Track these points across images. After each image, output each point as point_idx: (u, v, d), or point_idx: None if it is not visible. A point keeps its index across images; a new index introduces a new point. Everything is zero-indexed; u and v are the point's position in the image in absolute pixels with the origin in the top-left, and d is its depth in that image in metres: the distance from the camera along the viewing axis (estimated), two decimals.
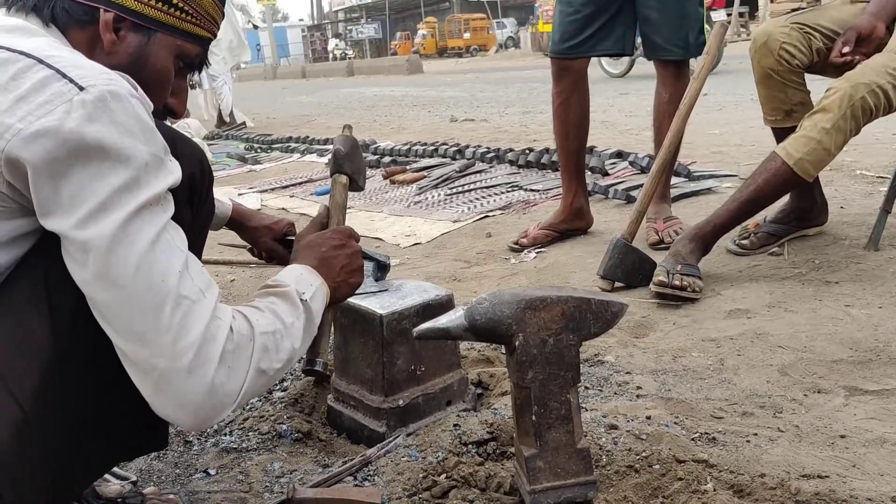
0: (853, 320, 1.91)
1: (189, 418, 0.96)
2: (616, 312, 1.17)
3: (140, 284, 0.90)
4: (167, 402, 0.94)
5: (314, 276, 1.20)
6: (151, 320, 0.91)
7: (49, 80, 0.89)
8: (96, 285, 0.91)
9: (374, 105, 11.21)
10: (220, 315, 0.97)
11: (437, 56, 37.81)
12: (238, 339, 0.98)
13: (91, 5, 1.04)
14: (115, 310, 0.91)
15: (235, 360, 0.97)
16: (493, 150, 4.80)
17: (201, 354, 0.93)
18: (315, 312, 1.15)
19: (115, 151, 0.89)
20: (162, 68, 1.12)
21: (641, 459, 1.34)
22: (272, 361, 1.03)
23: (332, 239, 1.30)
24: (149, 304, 0.91)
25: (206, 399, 0.94)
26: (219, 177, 5.49)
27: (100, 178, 0.88)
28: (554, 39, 2.80)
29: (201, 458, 1.50)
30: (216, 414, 0.97)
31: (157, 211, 0.93)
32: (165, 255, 0.93)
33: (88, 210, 0.88)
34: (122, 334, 0.92)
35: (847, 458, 1.33)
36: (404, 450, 1.42)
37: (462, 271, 2.71)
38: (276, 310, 1.08)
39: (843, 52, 2.17)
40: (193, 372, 0.93)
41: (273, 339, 1.04)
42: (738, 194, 2.27)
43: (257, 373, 1.00)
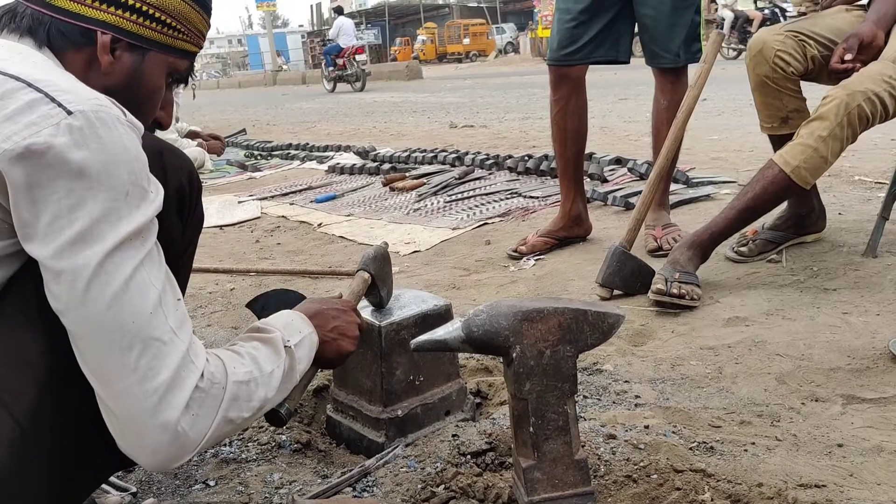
0: (851, 328, 1.91)
1: (149, 460, 0.95)
2: (613, 324, 1.17)
3: (110, 324, 0.90)
4: (129, 442, 0.94)
5: (305, 324, 1.19)
6: (118, 361, 0.91)
7: (36, 103, 0.89)
8: (69, 317, 0.91)
9: (374, 111, 11.22)
10: (193, 358, 0.96)
11: (436, 61, 37.86)
12: (208, 387, 0.96)
13: (88, 27, 1.04)
14: (85, 345, 0.92)
15: (202, 408, 0.96)
16: (492, 157, 4.81)
17: (166, 400, 0.92)
18: (298, 360, 1.14)
19: (96, 180, 0.89)
20: (155, 86, 1.13)
21: (639, 469, 1.34)
22: (241, 411, 1.02)
23: (337, 304, 1.31)
24: (116, 345, 0.90)
25: (168, 444, 0.93)
26: (219, 184, 5.51)
27: (80, 206, 0.88)
28: (552, 47, 2.82)
29: (201, 469, 1.50)
30: (176, 459, 0.96)
31: (136, 245, 0.93)
32: (139, 293, 0.92)
33: (66, 240, 0.88)
34: (91, 370, 0.93)
35: (844, 467, 1.33)
36: (403, 460, 1.43)
37: (461, 279, 2.72)
38: (257, 356, 1.07)
39: (844, 59, 2.18)
40: (156, 417, 0.92)
41: (246, 389, 1.02)
42: (735, 202, 2.28)
43: (224, 421, 0.99)
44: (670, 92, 2.72)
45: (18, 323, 0.94)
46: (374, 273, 1.51)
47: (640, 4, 2.66)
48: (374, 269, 1.52)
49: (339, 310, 1.29)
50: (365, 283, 1.50)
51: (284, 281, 2.87)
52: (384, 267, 1.56)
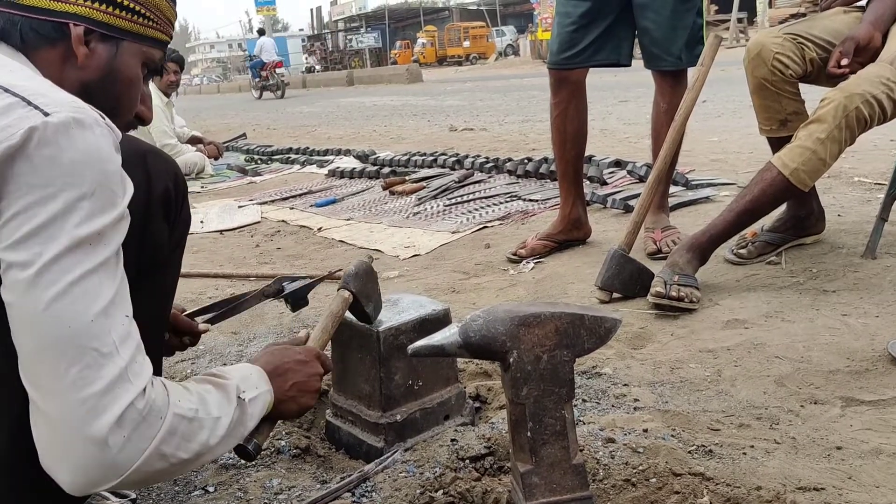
0: (850, 330, 1.91)
1: (71, 477, 0.90)
2: (609, 328, 1.17)
3: (46, 325, 0.87)
4: (52, 453, 0.89)
5: (262, 381, 1.15)
6: (51, 365, 0.87)
7: (13, 107, 0.89)
8: (12, 312, 0.89)
9: (374, 115, 11.24)
10: (132, 377, 0.91)
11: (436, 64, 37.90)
12: (145, 410, 0.91)
13: (59, 21, 1.04)
14: (21, 344, 0.89)
15: (135, 431, 0.90)
16: (491, 160, 4.82)
17: (96, 411, 0.87)
18: (249, 416, 1.09)
19: (60, 179, 0.88)
20: (133, 76, 1.13)
21: (638, 473, 1.34)
22: (178, 449, 0.95)
23: (298, 353, 1.26)
24: (51, 349, 0.87)
25: (93, 459, 0.88)
26: (219, 189, 5.52)
27: (40, 203, 0.87)
28: (552, 51, 2.82)
29: (200, 475, 1.50)
30: (99, 481, 0.90)
31: (92, 249, 0.90)
32: (82, 299, 0.88)
33: (21, 234, 0.87)
34: (24, 372, 0.90)
35: (843, 469, 1.33)
36: (402, 465, 1.43)
37: (461, 283, 2.72)
38: (206, 398, 1.02)
39: (841, 64, 2.18)
40: (84, 427, 0.87)
41: (187, 426, 0.96)
42: (734, 204, 2.28)
43: (157, 454, 0.92)
44: (670, 95, 2.72)
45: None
46: (355, 291, 1.46)
47: (641, 8, 2.66)
48: (356, 287, 1.47)
49: (300, 361, 1.24)
50: (346, 303, 1.45)
51: None
52: (367, 283, 1.51)
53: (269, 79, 19.31)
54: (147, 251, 1.09)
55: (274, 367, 1.20)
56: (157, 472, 0.95)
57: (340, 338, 1.58)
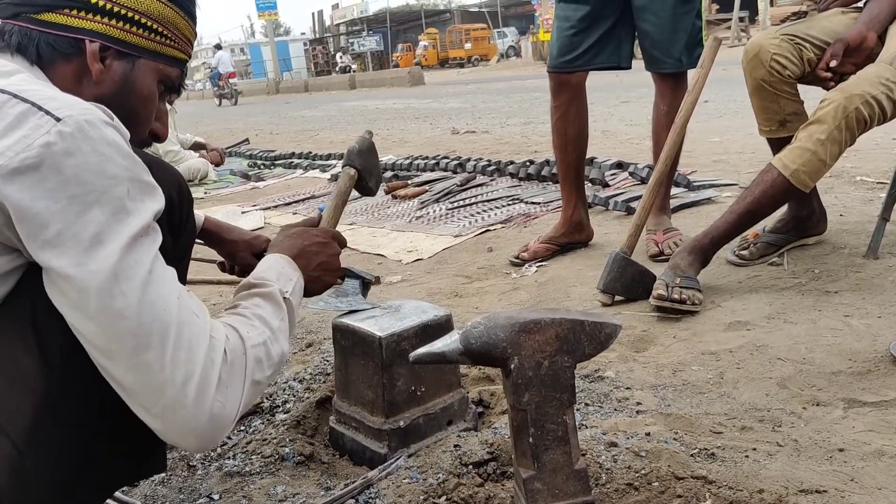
0: (852, 331, 1.91)
1: (195, 443, 0.98)
2: (610, 334, 1.18)
3: (145, 315, 0.91)
4: (173, 429, 0.95)
5: (293, 270, 1.25)
6: (158, 350, 0.92)
7: (26, 115, 0.90)
8: (98, 321, 0.90)
9: (377, 118, 11.25)
10: (216, 335, 0.99)
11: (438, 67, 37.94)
12: (232, 358, 1.00)
13: (76, 37, 1.06)
14: (120, 342, 0.91)
15: (232, 380, 0.99)
16: (493, 163, 4.83)
17: (203, 380, 0.95)
18: (294, 308, 1.20)
19: (97, 184, 0.90)
20: (148, 93, 1.14)
21: (641, 477, 1.35)
22: (264, 370, 1.06)
23: (317, 236, 1.35)
24: (155, 335, 0.92)
25: (209, 423, 0.96)
26: (222, 194, 5.53)
27: (86, 211, 0.89)
28: (552, 54, 2.83)
29: (205, 483, 1.51)
30: (219, 436, 0.99)
31: (148, 241, 0.94)
32: (163, 284, 0.94)
33: (81, 248, 0.88)
34: (127, 367, 0.92)
35: (845, 472, 1.34)
36: (405, 471, 1.43)
37: (463, 287, 2.73)
38: (263, 315, 1.11)
39: (830, 66, 2.18)
40: (198, 398, 0.94)
41: (264, 350, 1.06)
42: (735, 206, 2.28)
43: (252, 385, 1.03)
44: (670, 97, 2.72)
45: (13, 344, 0.94)
46: (360, 167, 1.54)
47: (641, 10, 2.66)
48: (360, 163, 1.54)
49: (320, 244, 1.34)
50: (352, 180, 1.53)
51: None
52: (370, 158, 1.58)
53: (225, 88, 21.76)
54: None
55: (299, 251, 1.30)
56: (256, 394, 1.06)
57: (343, 344, 1.59)
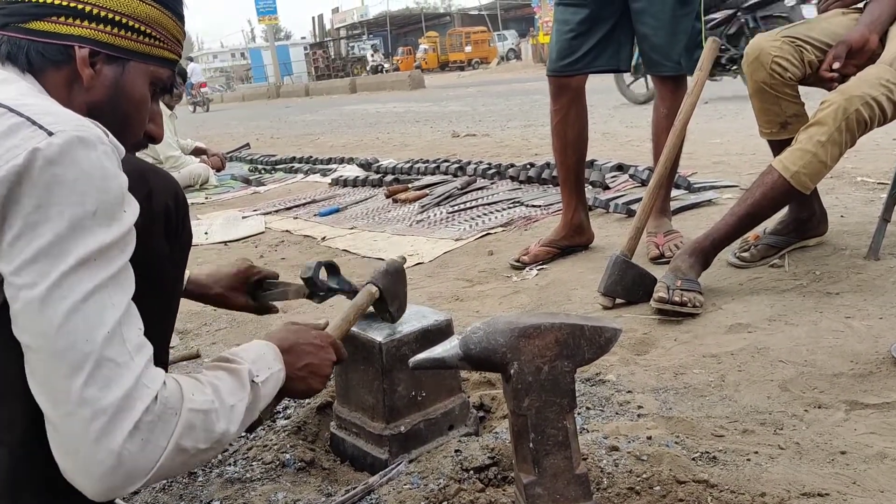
0: (854, 332, 1.91)
1: (93, 486, 0.90)
2: (609, 338, 1.17)
3: (62, 341, 0.87)
4: (73, 466, 0.90)
5: (276, 360, 1.17)
6: (67, 380, 0.88)
7: (18, 127, 0.90)
8: (24, 334, 0.89)
9: (377, 122, 11.26)
10: (147, 382, 0.92)
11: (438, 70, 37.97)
12: (160, 411, 0.92)
13: (65, 44, 1.06)
14: (35, 363, 0.89)
15: (153, 433, 0.91)
16: (494, 166, 4.83)
17: (114, 422, 0.88)
18: (262, 397, 1.11)
19: (64, 196, 0.88)
20: (140, 96, 1.14)
21: (642, 481, 1.34)
22: (197, 441, 0.97)
23: (315, 337, 1.27)
24: (67, 363, 0.88)
25: (113, 469, 0.89)
26: (223, 199, 5.54)
27: (45, 222, 0.88)
28: (551, 58, 2.83)
29: (206, 490, 1.51)
30: (123, 485, 0.91)
31: (99, 265, 0.91)
32: (96, 313, 0.89)
33: (29, 255, 0.87)
34: (39, 389, 0.90)
35: (847, 474, 1.33)
36: (406, 477, 1.43)
37: (464, 291, 2.72)
38: (220, 387, 1.04)
39: (833, 67, 2.18)
40: (102, 439, 0.88)
41: (204, 418, 0.98)
42: (736, 208, 2.28)
43: (176, 450, 0.94)
44: (670, 100, 2.72)
45: (3, 349, 0.93)
46: (382, 287, 1.48)
47: (640, 14, 2.66)
48: (384, 284, 1.48)
49: (315, 345, 1.26)
50: (371, 297, 1.46)
51: None
52: (397, 282, 1.52)
53: (198, 96, 24.29)
54: (148, 269, 1.10)
55: (290, 346, 1.22)
56: (179, 465, 0.97)
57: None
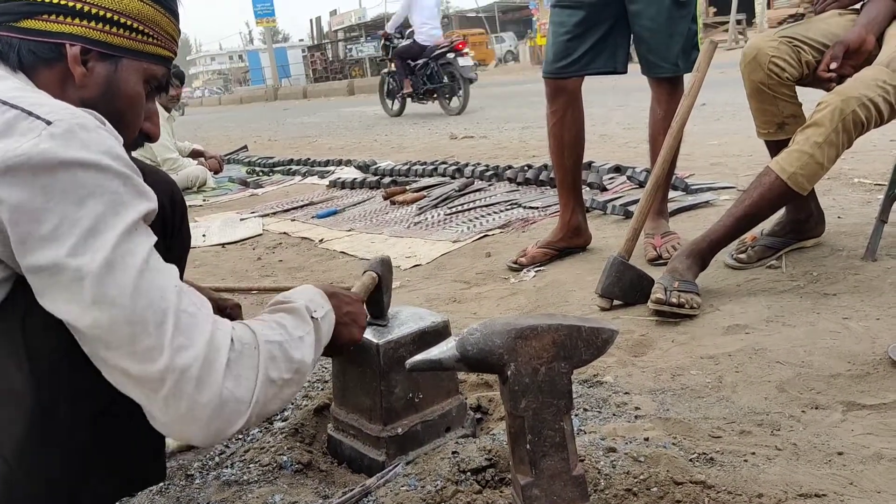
0: (851, 333, 1.91)
1: (202, 432, 0.95)
2: (606, 339, 1.17)
3: (141, 301, 0.91)
4: (178, 418, 0.93)
5: (325, 301, 1.23)
6: (156, 336, 0.91)
7: (16, 120, 0.90)
8: (94, 311, 0.90)
9: (375, 124, 11.26)
10: (220, 325, 0.98)
11: None
12: (241, 348, 0.98)
13: (56, 42, 1.05)
14: (117, 331, 0.91)
15: (241, 368, 0.97)
16: (491, 168, 4.83)
17: (207, 364, 0.93)
18: (324, 333, 1.17)
19: (90, 177, 0.89)
20: (134, 93, 1.13)
21: (640, 482, 1.34)
22: (281, 371, 1.03)
23: (348, 295, 1.34)
24: (151, 321, 0.91)
25: (217, 410, 0.94)
26: (221, 201, 5.53)
27: (80, 204, 0.89)
28: (547, 59, 2.83)
29: (203, 493, 1.51)
30: (229, 425, 0.96)
31: (142, 232, 0.94)
32: (160, 273, 0.94)
33: (77, 237, 0.88)
34: (126, 355, 0.91)
35: (844, 475, 1.33)
36: (403, 479, 1.43)
37: (462, 292, 2.72)
38: (284, 323, 1.09)
39: (830, 68, 2.18)
40: (202, 382, 0.93)
41: (280, 349, 1.04)
42: (733, 209, 2.28)
43: (267, 381, 1.00)
44: (667, 101, 2.73)
45: (5, 357, 0.94)
46: (380, 275, 1.55)
47: (636, 16, 2.66)
48: (381, 272, 1.56)
49: (351, 298, 1.33)
50: (373, 282, 1.54)
51: None
52: (388, 275, 1.60)
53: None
54: None
55: (332, 293, 1.28)
56: (274, 397, 1.02)
57: None
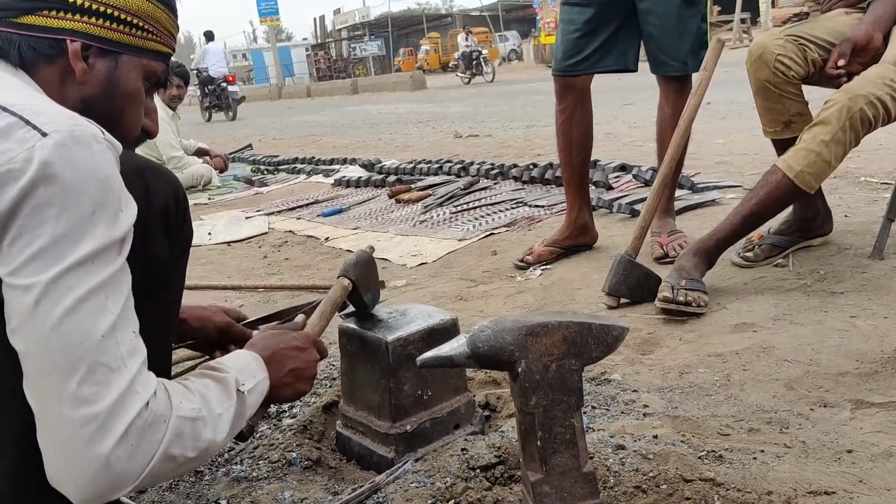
0: (859, 331, 1.91)
1: (79, 491, 0.90)
2: (617, 336, 1.18)
3: (55, 343, 0.87)
4: (61, 470, 0.90)
5: (260, 370, 1.17)
6: (60, 383, 0.88)
7: (12, 128, 0.90)
8: (17, 336, 0.89)
9: (379, 123, 11.27)
10: (139, 388, 0.92)
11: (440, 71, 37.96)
12: (151, 418, 0.92)
13: (56, 38, 1.05)
14: (29, 365, 0.89)
15: (142, 440, 0.91)
16: (497, 167, 4.83)
17: (104, 427, 0.89)
18: (248, 406, 1.12)
19: (62, 199, 0.88)
20: (133, 90, 1.13)
21: (649, 480, 1.34)
22: (185, 449, 0.97)
23: (295, 339, 1.28)
24: (60, 366, 0.88)
25: (100, 474, 0.89)
26: (226, 200, 5.54)
27: (42, 224, 0.87)
28: (556, 57, 2.82)
29: (212, 489, 1.51)
30: (110, 492, 0.91)
31: (96, 267, 0.90)
32: (91, 316, 0.89)
33: (25, 258, 0.87)
34: (32, 393, 0.90)
35: (854, 473, 1.33)
36: (413, 476, 1.43)
37: (468, 291, 2.73)
38: (207, 395, 1.04)
39: (838, 65, 2.18)
40: (92, 444, 0.88)
41: (192, 426, 0.98)
42: (740, 207, 2.28)
43: (165, 457, 0.94)
44: (674, 100, 2.73)
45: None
46: (355, 279, 1.53)
47: (646, 13, 2.66)
48: (356, 275, 1.53)
49: (297, 348, 1.27)
50: (345, 290, 1.51)
51: (293, 297, 2.87)
52: (368, 272, 1.57)
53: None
54: (148, 267, 1.09)
55: (271, 353, 1.22)
56: (166, 472, 0.97)
57: (349, 349, 1.59)
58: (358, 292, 1.53)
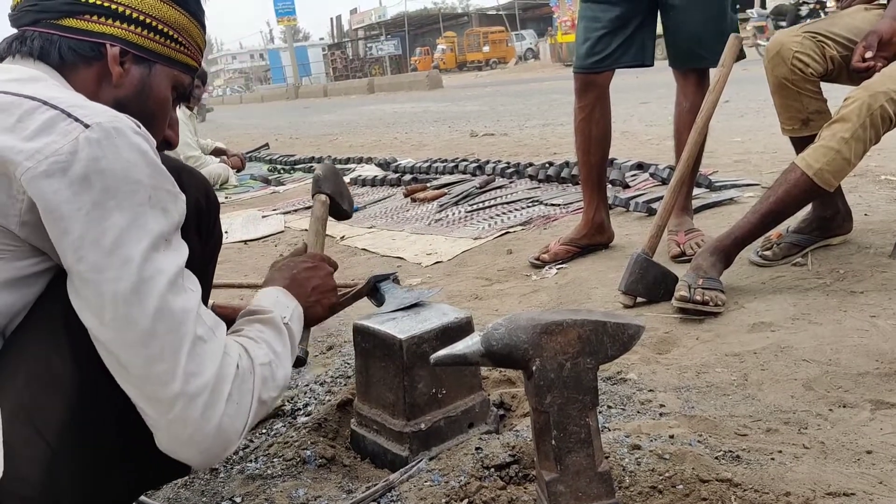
0: (879, 331, 1.88)
1: (200, 456, 0.99)
2: (633, 335, 1.17)
3: (161, 327, 0.93)
4: (179, 441, 0.97)
5: (289, 299, 1.27)
6: (171, 362, 0.93)
7: (55, 120, 0.92)
8: (112, 329, 0.92)
9: (395, 122, 11.28)
10: (229, 352, 1.02)
11: (456, 70, 37.98)
12: (243, 375, 1.02)
13: (96, 42, 1.09)
14: (133, 352, 0.93)
15: (241, 396, 1.01)
16: (512, 165, 4.82)
17: (214, 394, 0.97)
18: (294, 334, 1.22)
19: (119, 189, 0.91)
20: (163, 98, 1.18)
21: (665, 480, 1.33)
22: (270, 391, 1.08)
23: (304, 262, 1.38)
24: (168, 347, 0.93)
25: (216, 438, 0.98)
26: (243, 199, 5.57)
27: (107, 217, 0.90)
28: (579, 55, 2.79)
29: (227, 486, 1.52)
30: (223, 451, 1.00)
31: (170, 251, 0.96)
32: (182, 296, 0.96)
33: (101, 253, 0.90)
34: (139, 376, 0.94)
35: (873, 474, 1.31)
36: (427, 474, 1.43)
37: (483, 289, 2.72)
38: (267, 339, 1.14)
39: (864, 58, 2.15)
40: (208, 412, 0.96)
41: (270, 370, 1.09)
42: (758, 206, 2.25)
43: (259, 404, 1.05)
44: (693, 94, 2.71)
45: (47, 344, 0.96)
46: (330, 192, 1.61)
47: (671, 8, 2.64)
48: (330, 188, 1.62)
49: (309, 268, 1.37)
50: (325, 206, 1.60)
51: None
52: (338, 183, 1.65)
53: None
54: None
55: (291, 281, 1.33)
56: (261, 415, 1.09)
57: (364, 347, 1.59)
58: (336, 203, 1.63)
